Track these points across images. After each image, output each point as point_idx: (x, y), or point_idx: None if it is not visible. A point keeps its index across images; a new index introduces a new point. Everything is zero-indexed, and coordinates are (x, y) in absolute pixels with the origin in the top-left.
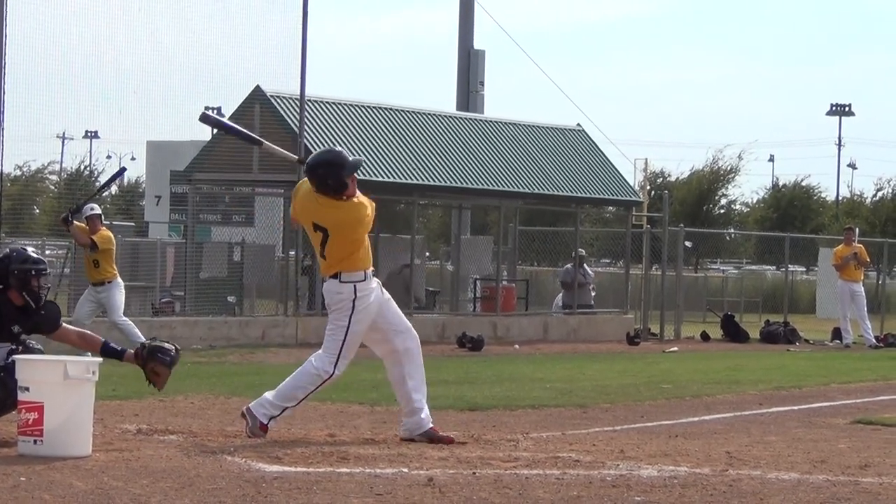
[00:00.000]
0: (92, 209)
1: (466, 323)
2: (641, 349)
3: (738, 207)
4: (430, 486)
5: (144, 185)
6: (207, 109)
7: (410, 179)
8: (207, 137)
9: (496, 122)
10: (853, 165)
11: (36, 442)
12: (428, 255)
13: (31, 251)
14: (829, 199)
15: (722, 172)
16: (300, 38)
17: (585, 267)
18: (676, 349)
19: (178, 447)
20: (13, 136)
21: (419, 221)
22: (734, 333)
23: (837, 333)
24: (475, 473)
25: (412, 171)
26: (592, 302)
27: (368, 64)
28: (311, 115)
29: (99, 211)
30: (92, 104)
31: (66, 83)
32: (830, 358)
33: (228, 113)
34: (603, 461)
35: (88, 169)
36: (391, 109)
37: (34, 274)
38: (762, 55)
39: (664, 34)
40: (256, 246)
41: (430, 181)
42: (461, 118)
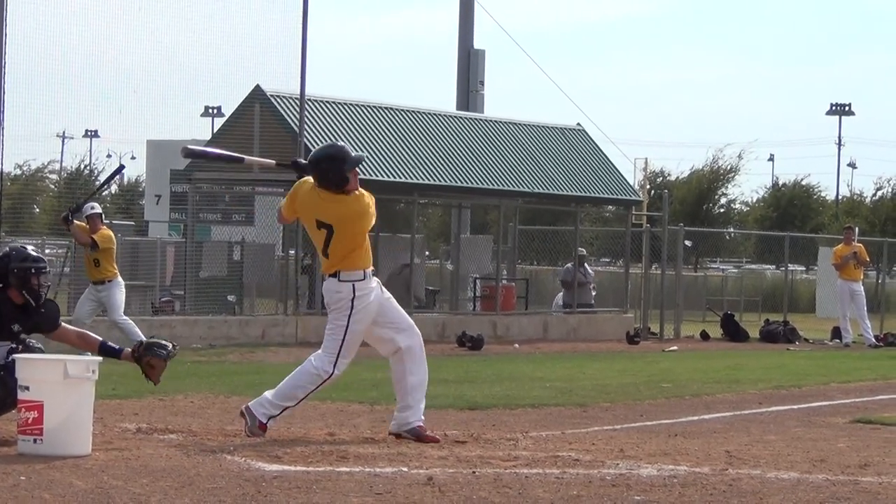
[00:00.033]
0: (92, 208)
1: (466, 322)
2: (641, 348)
3: (737, 207)
4: (429, 485)
5: (144, 184)
6: (208, 108)
7: (410, 179)
8: (208, 137)
9: (496, 121)
10: (853, 165)
11: (36, 441)
12: (428, 254)
13: (30, 249)
14: (828, 198)
15: (722, 172)
16: (300, 37)
17: (586, 266)
18: (676, 348)
19: (177, 446)
20: (13, 135)
21: (419, 220)
22: (734, 333)
23: (837, 333)
24: (475, 472)
25: (412, 170)
26: (593, 301)
27: (368, 63)
28: (311, 114)
29: (99, 210)
30: (92, 103)
31: (66, 82)
32: (830, 357)
33: (228, 112)
34: (602, 460)
35: (88, 168)
36: (391, 109)
37: (34, 272)
38: (762, 55)
39: (664, 34)
40: (256, 245)
41: (430, 180)
42: (461, 118)
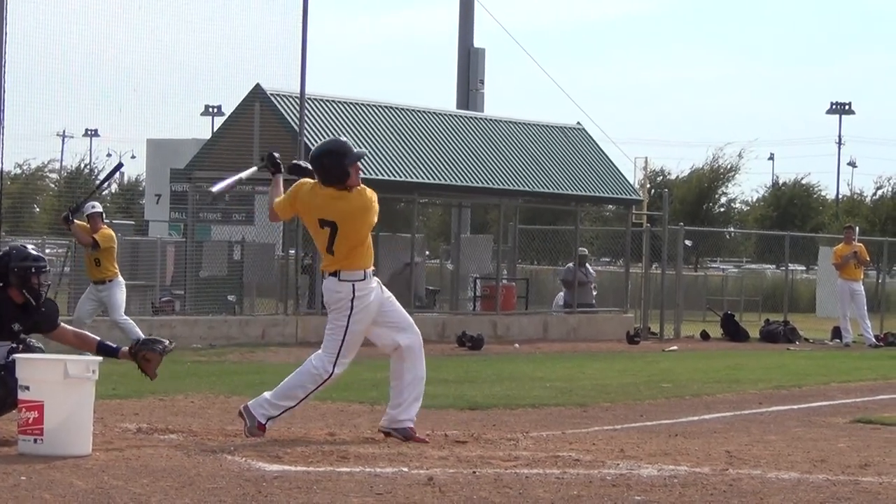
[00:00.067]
0: (93, 207)
1: (466, 322)
2: (641, 348)
3: (738, 206)
4: (430, 485)
5: (144, 183)
6: (208, 107)
7: (410, 178)
8: (208, 136)
9: (496, 120)
10: (853, 164)
11: (36, 441)
12: (428, 253)
13: (30, 248)
14: (829, 197)
15: (722, 171)
16: (300, 36)
17: (588, 266)
18: (676, 348)
19: (178, 446)
20: (13, 134)
21: (419, 220)
22: (734, 332)
23: (837, 332)
24: (475, 472)
25: (412, 169)
26: (594, 301)
27: (369, 63)
28: (311, 113)
29: (100, 209)
30: (92, 102)
31: (66, 81)
32: (830, 357)
33: (229, 111)
34: (603, 460)
35: (88, 167)
36: (391, 108)
37: (34, 271)
38: (762, 54)
39: (664, 33)
40: (256, 245)
41: (430, 179)
42: (461, 117)
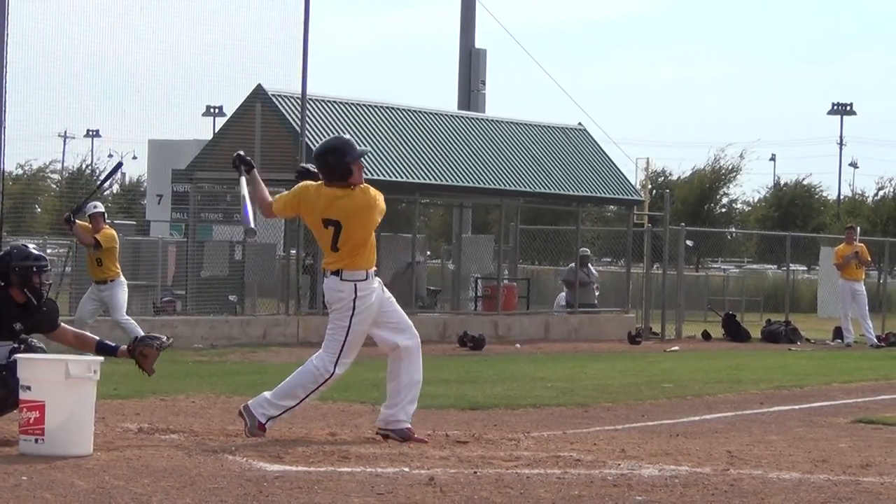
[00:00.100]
0: (95, 207)
1: (468, 322)
2: (643, 348)
3: (739, 206)
4: (431, 485)
5: (146, 183)
6: (209, 108)
7: (412, 178)
8: (209, 136)
9: (497, 121)
10: (854, 164)
11: (37, 441)
12: (429, 253)
13: (31, 248)
14: (830, 198)
15: (723, 171)
16: (301, 37)
17: (590, 266)
18: (677, 348)
19: (179, 446)
20: (15, 134)
21: (420, 220)
22: (735, 333)
23: (839, 333)
24: (476, 473)
25: (413, 169)
26: (596, 301)
27: (370, 63)
28: (312, 113)
29: (102, 209)
30: (93, 103)
31: (67, 82)
32: (832, 357)
33: (230, 111)
34: (604, 460)
35: (90, 168)
36: (392, 108)
37: (35, 271)
38: (763, 54)
39: (665, 33)
40: (258, 245)
41: (431, 180)
42: (462, 117)
